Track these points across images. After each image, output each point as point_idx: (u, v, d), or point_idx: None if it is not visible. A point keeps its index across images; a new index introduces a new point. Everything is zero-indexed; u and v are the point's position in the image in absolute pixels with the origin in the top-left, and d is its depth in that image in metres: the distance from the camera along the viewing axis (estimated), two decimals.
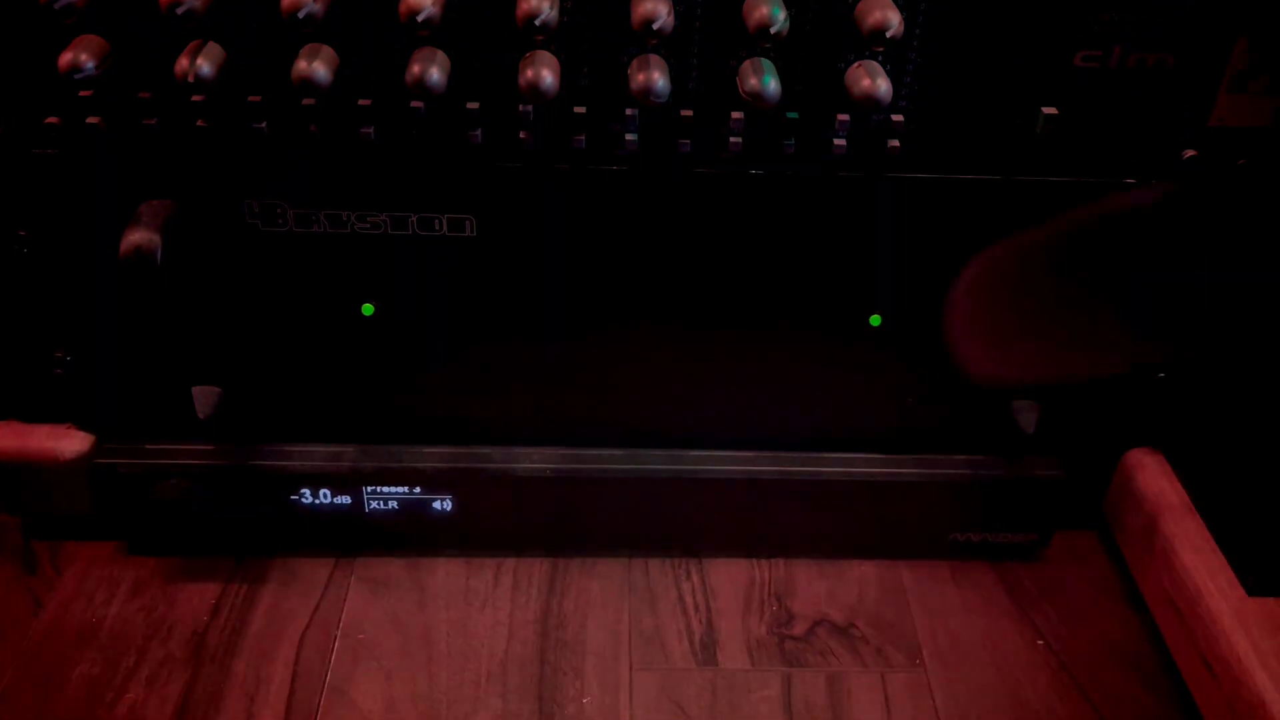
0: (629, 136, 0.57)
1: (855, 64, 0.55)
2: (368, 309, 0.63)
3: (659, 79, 0.53)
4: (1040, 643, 0.68)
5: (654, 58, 0.54)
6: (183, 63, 0.52)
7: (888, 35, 0.52)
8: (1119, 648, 0.68)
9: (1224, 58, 0.56)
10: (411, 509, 0.69)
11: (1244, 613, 0.61)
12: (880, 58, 0.55)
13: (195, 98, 0.55)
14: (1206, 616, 0.62)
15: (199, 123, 0.56)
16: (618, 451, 0.69)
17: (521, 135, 0.57)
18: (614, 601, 0.70)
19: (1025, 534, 0.72)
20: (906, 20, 0.53)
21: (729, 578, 0.72)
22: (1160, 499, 0.69)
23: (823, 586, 0.71)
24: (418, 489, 0.68)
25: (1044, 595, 0.72)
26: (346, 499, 0.68)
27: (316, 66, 0.52)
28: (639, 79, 0.53)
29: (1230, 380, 0.67)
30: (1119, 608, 0.71)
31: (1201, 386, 0.68)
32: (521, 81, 0.53)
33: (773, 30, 0.51)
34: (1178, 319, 0.64)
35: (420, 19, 0.51)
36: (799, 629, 0.68)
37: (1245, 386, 0.66)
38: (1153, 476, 0.70)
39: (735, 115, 0.57)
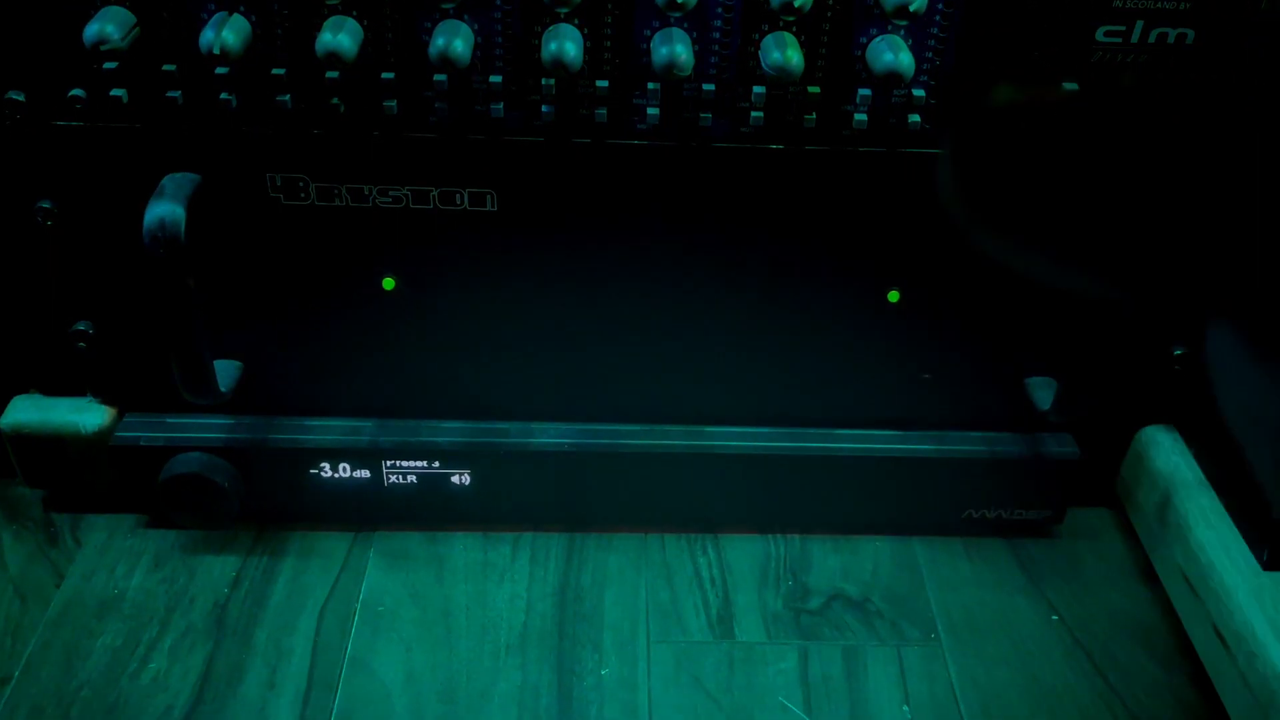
0: (650, 110, 0.57)
1: (877, 38, 0.55)
2: (388, 283, 0.64)
3: (682, 53, 0.53)
4: (1054, 618, 0.69)
5: (677, 31, 0.54)
6: (208, 35, 0.52)
7: (911, 10, 0.52)
8: (1132, 623, 0.69)
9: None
10: (430, 483, 0.69)
11: (1258, 587, 0.62)
12: (903, 32, 0.55)
13: (220, 71, 0.55)
14: (1220, 591, 0.62)
15: (223, 96, 0.56)
16: (635, 427, 0.69)
17: (543, 108, 0.57)
18: (631, 575, 0.70)
19: (1039, 511, 0.72)
20: None
21: (745, 553, 0.72)
22: (1174, 475, 0.69)
23: (837, 562, 0.72)
24: (436, 463, 0.69)
25: (1058, 571, 0.72)
26: (366, 473, 0.69)
27: (342, 39, 0.52)
28: (662, 52, 0.53)
29: (1243, 356, 0.67)
30: (1132, 583, 0.71)
31: (1215, 363, 0.68)
32: (545, 55, 0.53)
33: (796, 4, 0.52)
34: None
35: None
36: (814, 603, 0.69)
37: (1258, 362, 0.67)
38: (1166, 453, 0.71)
39: (757, 90, 0.57)
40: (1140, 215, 0.60)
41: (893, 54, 0.54)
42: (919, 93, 0.57)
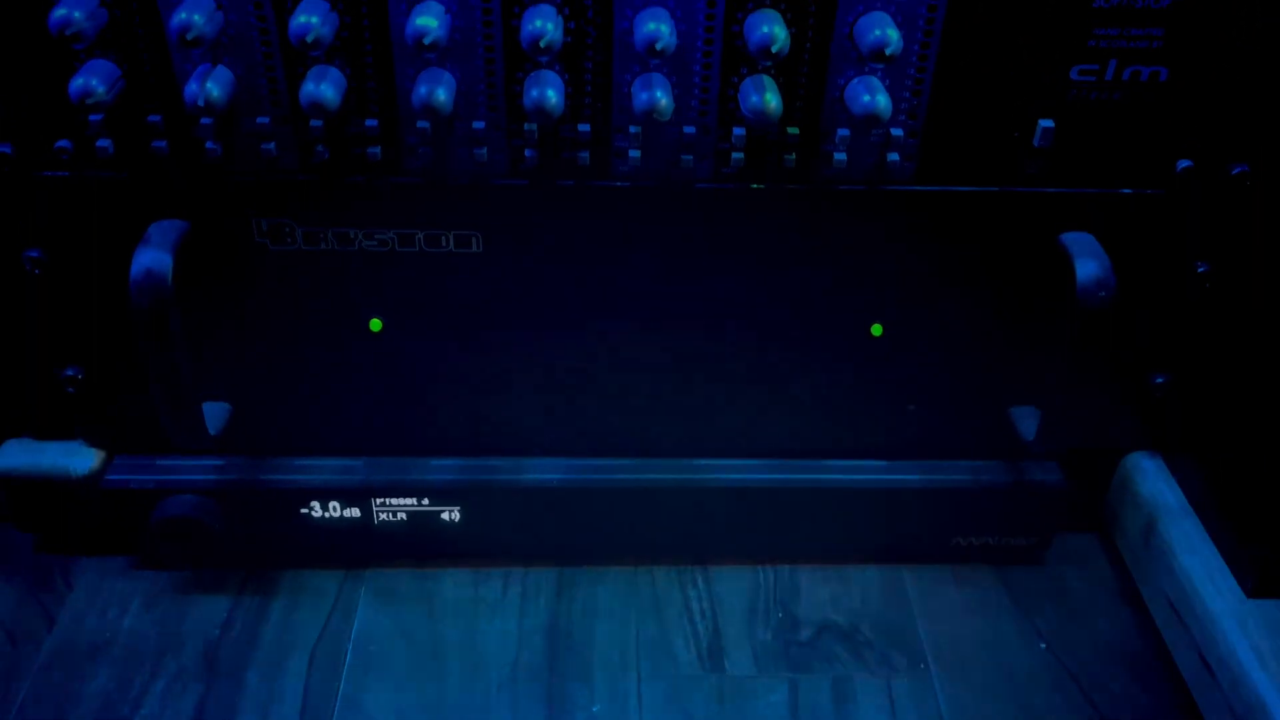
0: (632, 153, 0.58)
1: (855, 80, 0.56)
2: (376, 324, 0.64)
3: (661, 98, 0.54)
4: (1042, 645, 0.69)
5: (657, 76, 0.55)
6: (192, 88, 0.53)
7: (887, 53, 0.53)
8: (1120, 649, 0.69)
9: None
10: (420, 520, 0.70)
11: (1243, 614, 0.62)
12: (880, 73, 0.56)
13: (205, 121, 0.56)
14: (1205, 618, 0.63)
15: (208, 145, 0.57)
16: (624, 461, 0.70)
17: (526, 152, 0.58)
18: (621, 609, 0.71)
19: (1026, 537, 0.73)
20: (905, 37, 0.54)
21: (734, 584, 0.72)
22: (1158, 501, 0.70)
23: (827, 592, 0.72)
24: (426, 501, 0.69)
25: (1045, 597, 0.73)
26: (356, 511, 0.69)
27: (324, 89, 0.53)
28: (642, 98, 0.54)
29: (1227, 383, 0.68)
30: (1120, 609, 0.72)
31: (1199, 390, 0.69)
32: (527, 101, 0.54)
33: (774, 49, 0.52)
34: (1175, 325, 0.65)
35: (427, 42, 0.51)
36: (804, 634, 0.69)
37: (1242, 389, 0.67)
38: (1151, 479, 0.71)
39: (737, 131, 0.58)
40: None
41: (870, 96, 0.54)
42: (897, 131, 0.58)
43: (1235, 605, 0.63)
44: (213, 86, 0.53)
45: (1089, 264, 0.59)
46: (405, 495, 0.69)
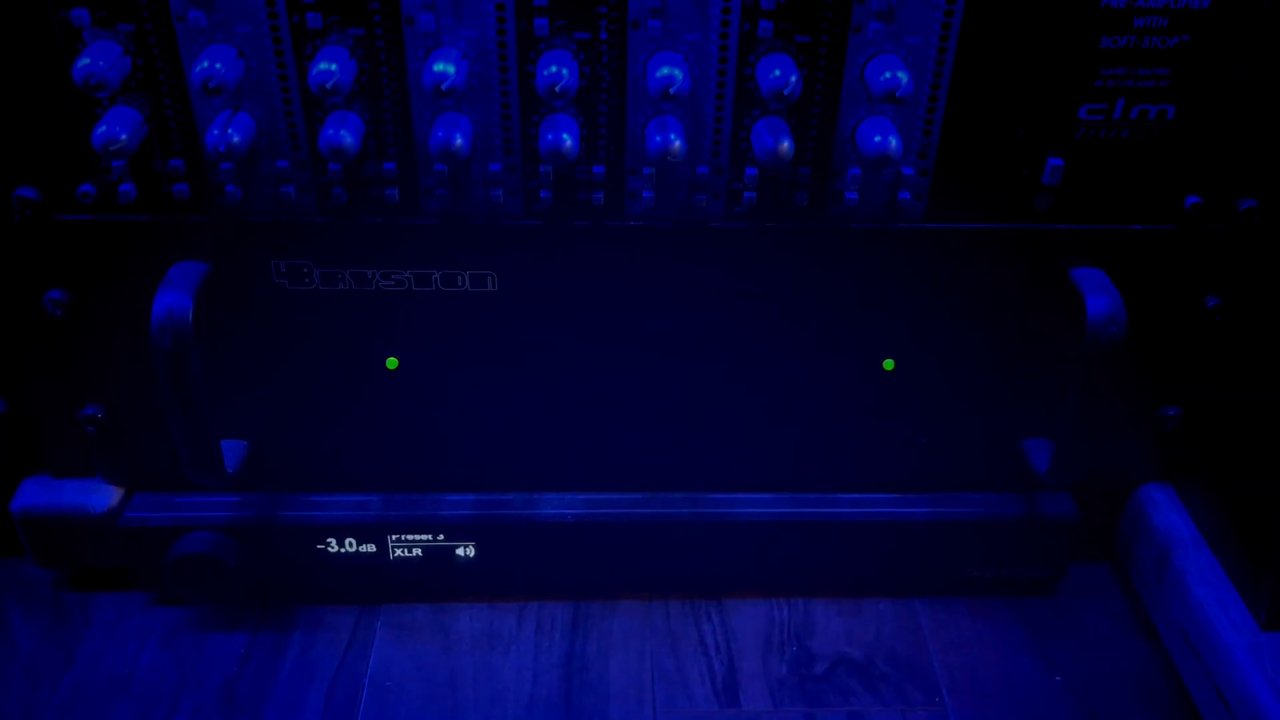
0: (646, 194, 0.59)
1: (866, 120, 0.56)
2: (392, 363, 0.65)
3: (675, 140, 0.54)
4: (1057, 678, 0.69)
5: (670, 119, 0.56)
6: (214, 134, 0.54)
7: (898, 95, 0.53)
8: (1135, 682, 0.69)
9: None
10: (436, 556, 0.70)
11: (1257, 647, 0.62)
12: (890, 113, 0.57)
13: (225, 165, 0.57)
14: (1220, 650, 0.63)
15: (229, 189, 0.58)
16: (637, 496, 0.70)
17: (542, 194, 0.59)
18: (636, 644, 0.71)
19: (1039, 569, 0.73)
20: (915, 79, 0.55)
21: (749, 618, 0.73)
22: (1171, 533, 0.70)
23: (841, 625, 0.72)
24: (441, 536, 0.70)
25: (1059, 629, 0.73)
26: (372, 547, 0.70)
27: (344, 135, 0.54)
28: (656, 141, 0.54)
29: (1239, 415, 0.68)
30: (1134, 641, 0.72)
31: (1212, 422, 0.69)
32: (543, 145, 0.54)
33: (786, 92, 0.53)
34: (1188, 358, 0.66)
35: (445, 88, 0.52)
36: (819, 668, 0.70)
37: (1254, 420, 0.68)
38: (1163, 511, 0.72)
39: (749, 171, 0.58)
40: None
41: (881, 136, 0.55)
42: (908, 170, 0.59)
43: (1249, 638, 0.63)
44: (233, 133, 0.54)
45: (1100, 299, 0.59)
46: (421, 531, 0.69)
